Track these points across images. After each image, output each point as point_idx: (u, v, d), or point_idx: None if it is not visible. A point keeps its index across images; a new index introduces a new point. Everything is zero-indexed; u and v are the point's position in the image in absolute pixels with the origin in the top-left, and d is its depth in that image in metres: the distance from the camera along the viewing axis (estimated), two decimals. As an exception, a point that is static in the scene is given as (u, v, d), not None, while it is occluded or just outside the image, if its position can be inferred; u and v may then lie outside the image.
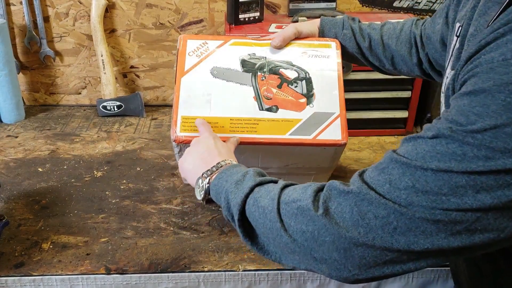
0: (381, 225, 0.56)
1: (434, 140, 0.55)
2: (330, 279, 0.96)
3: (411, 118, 1.49)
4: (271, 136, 0.99)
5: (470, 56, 0.58)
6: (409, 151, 0.57)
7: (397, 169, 0.57)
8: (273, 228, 0.65)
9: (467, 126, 0.52)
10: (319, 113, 1.01)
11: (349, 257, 0.59)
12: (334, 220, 0.59)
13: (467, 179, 0.52)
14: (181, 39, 1.06)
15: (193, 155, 0.88)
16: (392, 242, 0.56)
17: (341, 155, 1.07)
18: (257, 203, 0.69)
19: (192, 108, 1.00)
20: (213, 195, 0.79)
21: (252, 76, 1.03)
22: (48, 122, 1.57)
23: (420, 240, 0.55)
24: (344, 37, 1.06)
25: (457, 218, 0.53)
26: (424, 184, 0.54)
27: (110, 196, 1.18)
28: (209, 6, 1.58)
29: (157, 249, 0.99)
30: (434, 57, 0.98)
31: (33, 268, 0.94)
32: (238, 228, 0.71)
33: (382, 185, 0.57)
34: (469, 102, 0.53)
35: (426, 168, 0.54)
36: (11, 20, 1.57)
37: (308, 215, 0.61)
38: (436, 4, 1.56)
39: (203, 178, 0.81)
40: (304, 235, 0.61)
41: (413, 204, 0.54)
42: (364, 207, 0.57)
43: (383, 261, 0.58)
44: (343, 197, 0.59)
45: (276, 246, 0.67)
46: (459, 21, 0.73)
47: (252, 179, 0.73)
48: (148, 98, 1.72)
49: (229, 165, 0.81)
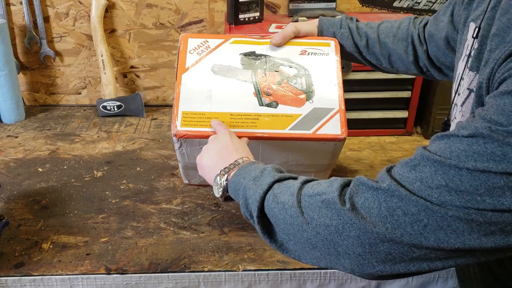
0: (410, 222, 0.55)
1: (470, 139, 0.53)
2: (330, 279, 0.96)
3: (411, 118, 1.49)
4: (271, 131, 0.99)
5: (510, 54, 0.56)
6: (442, 149, 0.56)
7: (429, 167, 0.55)
8: (294, 223, 0.65)
9: (508, 127, 0.51)
10: (318, 109, 1.02)
11: (374, 252, 0.58)
12: (360, 215, 0.58)
13: (505, 180, 0.51)
14: (182, 38, 1.07)
15: (211, 152, 0.88)
16: (421, 239, 0.55)
17: (340, 151, 1.08)
18: (276, 199, 0.68)
19: (192, 104, 1.01)
20: (231, 192, 0.79)
21: (252, 73, 1.05)
22: (48, 122, 1.57)
23: (451, 239, 0.54)
24: (342, 36, 1.07)
25: (492, 218, 0.52)
26: (459, 184, 0.53)
27: (110, 196, 1.17)
28: (209, 6, 1.58)
29: (157, 249, 0.99)
30: (435, 55, 0.98)
31: (33, 268, 0.94)
32: (256, 225, 0.70)
33: (413, 182, 0.56)
34: (510, 102, 0.52)
35: (462, 167, 0.53)
36: (11, 20, 1.57)
37: (334, 208, 0.60)
38: (436, 4, 1.56)
39: (221, 175, 0.80)
40: (328, 228, 0.60)
41: (446, 203, 0.53)
42: (393, 203, 0.56)
43: (409, 258, 0.57)
44: (371, 192, 0.58)
45: (296, 243, 0.66)
46: (474, 21, 0.72)
47: (271, 175, 0.72)
48: (148, 98, 1.72)
49: (247, 162, 0.81)
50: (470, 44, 0.71)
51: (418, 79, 1.42)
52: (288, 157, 1.08)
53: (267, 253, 0.99)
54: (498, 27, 0.63)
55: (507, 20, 0.61)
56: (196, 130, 0.99)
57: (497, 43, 0.62)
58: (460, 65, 0.75)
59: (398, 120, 1.50)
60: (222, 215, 1.10)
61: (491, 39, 0.64)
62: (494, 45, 0.62)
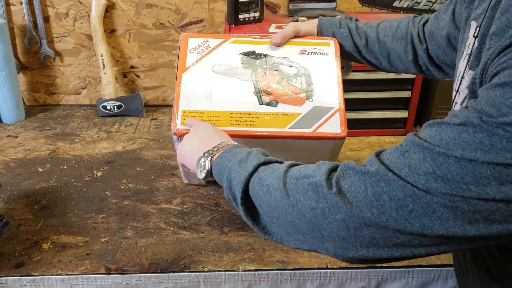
0: (396, 207, 0.55)
1: (460, 127, 0.54)
2: (330, 279, 0.96)
3: (411, 118, 1.49)
4: (271, 129, 1.00)
5: (503, 49, 0.57)
6: (432, 136, 0.56)
7: (418, 153, 0.56)
8: (278, 206, 0.64)
9: (498, 118, 0.51)
10: (318, 107, 1.02)
11: (359, 236, 0.58)
12: (347, 199, 0.58)
13: (492, 170, 0.51)
14: (183, 38, 1.08)
15: (193, 138, 0.88)
16: (405, 225, 0.55)
17: (340, 150, 1.08)
18: (261, 182, 0.68)
19: (192, 103, 1.01)
20: (215, 174, 0.78)
21: (252, 72, 1.05)
22: (48, 122, 1.57)
23: (435, 225, 0.54)
24: (341, 36, 1.07)
25: (477, 206, 0.52)
26: (446, 171, 0.53)
27: (110, 196, 1.18)
28: (209, 6, 1.58)
29: (157, 249, 0.99)
30: (436, 53, 0.98)
31: (33, 268, 0.94)
32: (240, 207, 0.70)
33: (401, 168, 0.56)
34: (501, 94, 0.52)
35: (450, 155, 0.53)
36: (11, 20, 1.57)
37: (320, 191, 0.60)
38: (436, 4, 1.56)
39: (205, 157, 0.80)
40: (314, 211, 0.60)
41: (432, 190, 0.54)
42: (380, 188, 0.56)
43: (393, 243, 0.57)
44: (359, 176, 0.59)
45: (279, 226, 0.66)
46: (475, 19, 0.72)
47: (256, 158, 0.72)
48: (148, 98, 1.72)
49: (232, 145, 0.80)
50: (471, 43, 0.71)
51: (418, 79, 1.42)
52: (288, 156, 1.08)
53: (267, 253, 0.99)
54: (498, 26, 0.63)
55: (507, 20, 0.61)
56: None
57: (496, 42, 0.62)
58: (461, 64, 0.75)
59: (398, 120, 1.50)
60: (222, 215, 1.11)
61: (490, 38, 0.64)
62: (493, 44, 0.62)
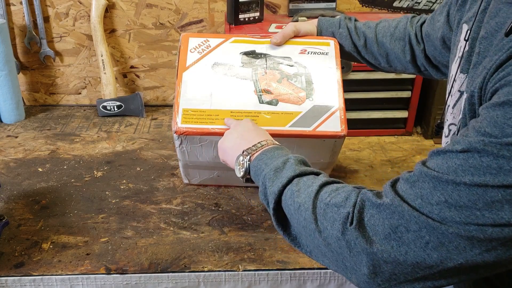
0: (413, 239, 0.55)
1: (465, 154, 0.53)
2: (330, 279, 0.96)
3: (411, 118, 1.49)
4: (271, 128, 1.00)
5: (501, 64, 0.56)
6: (439, 165, 0.55)
7: (428, 183, 0.55)
8: (307, 227, 0.65)
9: (502, 139, 0.51)
10: (318, 106, 1.02)
11: (379, 272, 0.58)
12: (367, 233, 0.58)
13: (503, 193, 0.50)
14: (183, 37, 1.08)
15: (233, 135, 0.88)
16: (424, 257, 0.55)
17: (340, 149, 1.08)
18: (293, 197, 0.68)
19: (193, 101, 1.01)
20: (252, 175, 0.79)
21: (252, 71, 1.05)
22: (48, 122, 1.57)
23: (453, 255, 0.53)
24: (341, 36, 1.08)
25: (493, 235, 0.51)
26: (457, 199, 0.52)
27: (110, 196, 1.17)
28: (209, 6, 1.58)
29: (157, 249, 0.99)
30: (432, 54, 0.99)
31: (33, 268, 0.94)
32: (272, 216, 0.71)
33: (414, 199, 0.56)
34: (503, 114, 0.51)
35: (459, 182, 0.52)
36: (11, 20, 1.57)
37: (346, 224, 0.60)
38: (435, 4, 1.56)
39: (244, 155, 0.80)
40: (339, 242, 0.60)
41: (446, 220, 0.53)
42: (395, 220, 0.56)
43: (414, 278, 0.57)
44: (376, 209, 0.58)
45: (308, 241, 0.66)
46: (466, 22, 0.73)
47: (291, 169, 0.72)
48: (148, 98, 1.72)
49: (271, 145, 0.80)
50: (462, 46, 0.71)
51: (418, 79, 1.42)
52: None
53: (267, 253, 0.99)
54: (487, 30, 0.63)
55: (495, 24, 0.61)
56: (197, 127, 0.99)
57: (485, 46, 0.62)
58: (454, 66, 0.75)
59: (398, 120, 1.50)
60: (222, 215, 1.10)
61: (479, 41, 0.64)
62: (482, 48, 0.62)
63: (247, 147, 0.81)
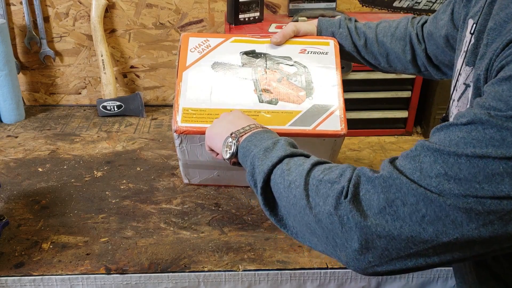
0: (409, 212, 0.54)
1: (469, 126, 0.53)
2: (330, 279, 0.96)
3: (411, 118, 1.49)
4: (271, 127, 0.99)
5: (508, 43, 0.56)
6: (442, 139, 0.55)
7: (429, 156, 0.55)
8: (297, 204, 0.64)
9: (507, 112, 0.50)
10: (318, 105, 1.02)
11: (371, 248, 0.57)
12: (361, 207, 0.57)
13: (504, 166, 0.50)
14: (183, 37, 1.09)
15: (222, 121, 0.87)
16: (419, 231, 0.54)
17: (340, 149, 1.08)
18: (283, 175, 0.67)
19: (193, 100, 1.02)
20: (240, 157, 0.78)
21: (252, 70, 1.05)
22: (48, 122, 1.57)
23: (449, 230, 0.53)
24: (341, 36, 1.08)
25: (491, 207, 0.51)
26: (457, 171, 0.52)
27: (110, 196, 1.17)
28: (209, 6, 1.58)
29: (157, 249, 0.99)
30: (434, 53, 0.99)
31: (33, 268, 0.94)
32: (259, 195, 0.70)
33: (413, 172, 0.55)
34: (508, 87, 0.51)
35: (460, 154, 0.52)
36: (11, 20, 1.57)
37: (340, 198, 0.59)
38: (436, 4, 1.56)
39: (232, 137, 0.79)
40: (331, 217, 0.59)
41: (444, 192, 0.53)
42: (392, 194, 0.56)
43: (406, 254, 0.56)
44: (371, 183, 0.58)
45: (295, 222, 0.65)
46: (472, 17, 0.73)
47: (282, 149, 0.71)
48: (148, 98, 1.72)
49: (260, 129, 0.80)
50: (468, 40, 0.71)
51: (418, 79, 1.42)
52: None
53: (267, 253, 0.99)
54: (496, 21, 0.63)
55: (505, 15, 0.61)
56: (197, 126, 0.99)
57: (494, 37, 0.61)
58: (459, 61, 0.75)
59: (398, 120, 1.50)
60: (222, 215, 1.10)
61: (487, 33, 0.64)
62: (490, 39, 0.62)
63: (236, 129, 0.80)
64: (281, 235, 1.04)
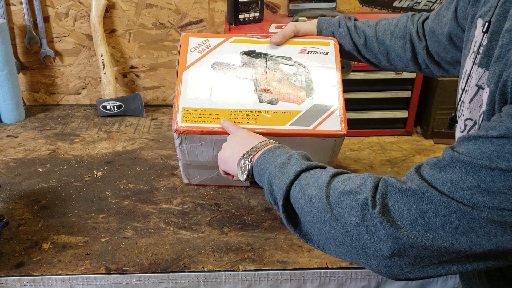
0: (441, 224, 0.54)
1: (501, 140, 0.53)
2: (330, 279, 0.96)
3: (411, 118, 1.49)
4: (271, 127, 1.00)
5: None
6: (471, 150, 0.55)
7: (459, 168, 0.55)
8: (322, 218, 0.64)
9: None
10: (318, 105, 1.02)
11: (403, 255, 0.57)
12: (391, 218, 0.57)
13: None
14: (183, 37, 1.09)
15: (231, 144, 0.88)
16: (453, 242, 0.54)
17: (340, 148, 1.08)
18: (303, 191, 0.67)
19: (193, 100, 1.02)
20: (256, 176, 0.78)
21: (252, 70, 1.05)
22: (48, 122, 1.57)
23: (483, 241, 0.53)
24: (340, 35, 1.08)
25: None
26: (491, 184, 0.52)
27: (110, 196, 1.17)
28: (209, 6, 1.58)
29: (157, 249, 0.99)
30: (436, 50, 0.98)
31: (33, 268, 0.94)
32: (281, 213, 0.70)
33: (443, 184, 0.55)
34: None
35: (494, 168, 0.52)
36: (11, 20, 1.57)
37: (366, 209, 0.59)
38: (436, 4, 1.56)
39: (245, 158, 0.79)
40: (359, 229, 0.59)
41: (478, 205, 0.53)
42: (424, 205, 0.56)
43: (439, 261, 0.56)
44: (401, 194, 0.58)
45: (321, 235, 0.65)
46: (481, 17, 0.72)
47: (297, 164, 0.71)
48: (148, 98, 1.72)
49: (271, 145, 0.79)
50: (478, 41, 0.70)
51: (418, 79, 1.42)
52: None
53: (267, 253, 0.99)
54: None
55: None
56: (197, 126, 0.99)
57: (509, 39, 0.61)
58: (468, 62, 0.74)
59: (398, 120, 1.50)
60: (222, 215, 1.10)
61: (503, 34, 0.63)
62: (505, 40, 0.62)
63: (247, 150, 0.80)
64: (281, 235, 1.04)
